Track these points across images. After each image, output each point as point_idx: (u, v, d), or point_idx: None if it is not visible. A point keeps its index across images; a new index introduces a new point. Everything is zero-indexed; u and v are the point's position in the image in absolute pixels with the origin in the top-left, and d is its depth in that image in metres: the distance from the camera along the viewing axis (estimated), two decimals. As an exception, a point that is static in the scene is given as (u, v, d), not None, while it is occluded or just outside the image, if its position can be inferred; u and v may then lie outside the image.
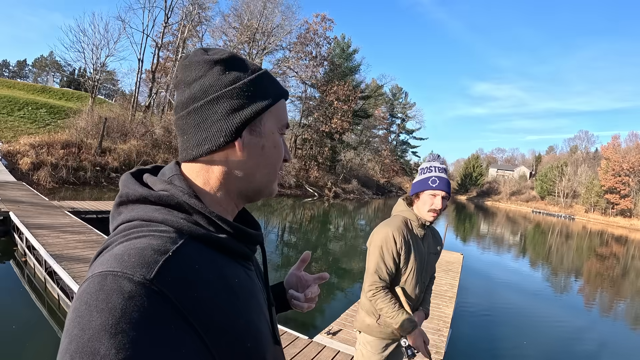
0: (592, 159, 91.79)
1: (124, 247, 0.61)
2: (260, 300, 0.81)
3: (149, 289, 0.55)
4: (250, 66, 0.80)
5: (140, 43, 33.07)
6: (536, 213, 75.24)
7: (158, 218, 0.67)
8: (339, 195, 42.52)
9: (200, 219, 0.71)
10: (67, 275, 5.85)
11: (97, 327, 0.51)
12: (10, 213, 9.54)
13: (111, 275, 0.56)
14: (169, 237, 0.65)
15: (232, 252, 0.75)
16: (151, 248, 0.60)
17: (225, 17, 39.68)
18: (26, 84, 41.79)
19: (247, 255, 0.80)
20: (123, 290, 0.54)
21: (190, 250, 0.66)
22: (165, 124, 31.16)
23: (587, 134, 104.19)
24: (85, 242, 7.98)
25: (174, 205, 0.70)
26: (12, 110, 27.22)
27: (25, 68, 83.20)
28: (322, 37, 46.92)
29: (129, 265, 0.57)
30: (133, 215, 0.69)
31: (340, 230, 22.31)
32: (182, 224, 0.68)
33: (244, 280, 0.75)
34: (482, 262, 16.86)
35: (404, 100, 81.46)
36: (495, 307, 10.34)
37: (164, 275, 0.58)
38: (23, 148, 21.31)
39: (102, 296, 0.53)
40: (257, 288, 0.81)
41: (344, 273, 12.23)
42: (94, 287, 0.55)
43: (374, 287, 2.44)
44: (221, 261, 0.71)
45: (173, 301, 0.57)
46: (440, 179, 2.48)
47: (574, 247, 29.08)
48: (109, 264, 0.58)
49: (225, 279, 0.69)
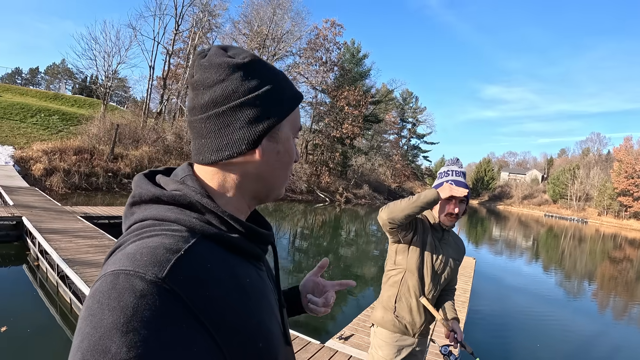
0: (604, 161, 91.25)
1: (136, 246, 0.61)
2: (271, 300, 0.80)
3: (161, 287, 0.56)
4: (270, 70, 0.79)
5: (151, 50, 33.15)
6: (548, 217, 74.70)
7: (170, 217, 0.67)
8: (350, 201, 42.47)
9: (212, 219, 0.71)
10: (80, 280, 5.87)
11: (109, 325, 0.51)
12: (23, 218, 9.63)
13: (123, 274, 0.56)
14: (181, 236, 0.64)
15: (243, 252, 0.75)
16: (163, 247, 0.61)
17: (235, 24, 39.99)
18: (39, 91, 42.12)
19: (258, 255, 0.80)
20: (135, 288, 0.54)
21: (202, 249, 0.65)
22: (176, 130, 31.38)
23: (599, 136, 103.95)
24: (97, 247, 8.01)
25: (187, 204, 0.70)
26: (25, 117, 27.53)
27: (38, 75, 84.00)
28: (332, 42, 47.10)
29: (141, 264, 0.57)
30: (146, 214, 0.69)
31: (351, 235, 22.26)
32: (195, 223, 0.68)
33: (255, 280, 0.75)
34: (494, 267, 16.74)
35: (414, 104, 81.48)
36: (508, 311, 10.26)
37: (175, 273, 0.58)
38: (36, 154, 21.57)
39: (114, 294, 0.54)
40: (268, 288, 0.81)
41: (356, 278, 12.13)
42: (107, 285, 0.55)
43: None
44: (233, 261, 0.71)
45: (185, 300, 0.57)
46: (457, 182, 2.51)
47: (587, 251, 28.82)
48: (121, 263, 0.58)
49: (237, 279, 0.69)
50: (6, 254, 9.26)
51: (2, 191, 13.33)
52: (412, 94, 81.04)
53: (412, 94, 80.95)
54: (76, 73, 67.42)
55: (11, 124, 25.85)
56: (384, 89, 65.23)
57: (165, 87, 35.14)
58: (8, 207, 10.96)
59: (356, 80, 49.99)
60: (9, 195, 12.38)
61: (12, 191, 13.42)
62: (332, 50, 47.45)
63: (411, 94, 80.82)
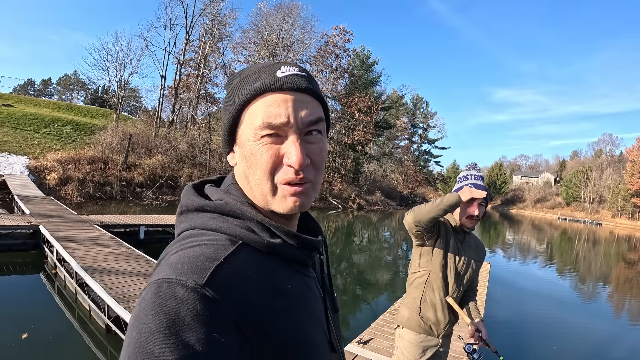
0: (617, 162, 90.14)
1: (179, 255, 0.64)
2: (316, 307, 0.80)
3: (201, 293, 0.58)
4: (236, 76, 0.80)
5: (163, 60, 33.62)
6: (562, 220, 73.90)
7: (212, 226, 0.71)
8: (363, 207, 42.31)
9: (253, 225, 0.73)
10: (99, 287, 5.90)
11: (152, 329, 0.54)
12: (40, 226, 9.73)
13: (166, 282, 0.59)
14: (221, 244, 0.67)
15: (286, 258, 0.76)
16: (204, 255, 0.63)
17: (245, 33, 40.27)
18: (51, 102, 42.65)
19: (302, 260, 0.80)
20: (177, 295, 0.57)
21: (242, 256, 0.67)
22: (188, 139, 31.60)
23: (611, 136, 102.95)
24: (116, 255, 8.07)
25: (228, 212, 0.73)
26: (39, 127, 27.90)
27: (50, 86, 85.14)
28: (342, 49, 47.18)
29: (182, 273, 0.60)
30: (191, 224, 0.73)
31: (364, 242, 22.21)
32: (235, 230, 0.70)
33: (297, 286, 0.76)
34: (509, 271, 16.61)
35: (425, 110, 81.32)
36: (523, 315, 10.19)
37: (215, 280, 0.60)
38: (50, 164, 21.85)
39: (158, 301, 0.56)
40: (313, 294, 0.81)
41: (371, 284, 12.16)
42: (151, 293, 0.58)
43: None
44: (274, 267, 0.72)
45: (224, 306, 0.59)
46: (476, 185, 2.59)
47: (601, 254, 28.49)
48: (164, 272, 0.61)
49: (277, 285, 0.70)
50: (23, 262, 9.37)
51: (18, 200, 13.49)
52: (423, 100, 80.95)
53: (422, 99, 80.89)
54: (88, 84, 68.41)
55: (25, 134, 26.21)
56: (394, 95, 65.25)
57: (176, 97, 35.46)
58: (25, 216, 11.09)
59: (366, 86, 50.08)
60: (25, 205, 12.52)
61: (28, 200, 13.57)
62: (342, 57, 47.56)
63: (421, 99, 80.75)
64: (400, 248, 20.63)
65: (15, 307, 6.79)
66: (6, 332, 5.72)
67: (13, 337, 5.54)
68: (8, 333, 5.67)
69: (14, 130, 26.34)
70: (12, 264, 9.10)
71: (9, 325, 5.97)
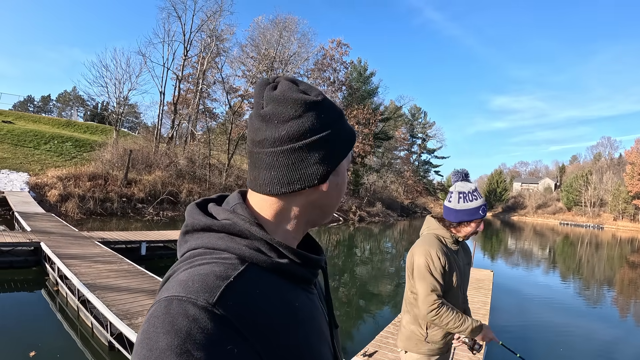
0: (616, 165, 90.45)
1: (188, 273, 0.65)
2: (321, 323, 0.82)
3: (212, 312, 0.58)
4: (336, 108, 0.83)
5: (161, 76, 33.72)
6: (564, 225, 73.90)
7: (221, 246, 0.71)
8: (364, 219, 42.23)
9: (261, 246, 0.73)
10: (101, 304, 5.87)
11: (164, 347, 0.54)
12: (41, 243, 9.72)
13: (176, 300, 0.59)
14: (230, 263, 0.67)
15: (293, 277, 0.77)
16: (214, 274, 0.64)
17: (243, 48, 40.57)
18: (51, 119, 42.78)
19: (308, 279, 0.81)
20: (188, 313, 0.57)
21: (252, 275, 0.68)
22: (188, 155, 31.64)
23: (609, 139, 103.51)
24: (118, 272, 8.05)
25: (236, 232, 0.73)
26: (39, 143, 27.97)
27: (50, 103, 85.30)
28: (339, 62, 47.44)
29: (192, 291, 0.60)
30: (198, 243, 0.73)
31: (366, 253, 22.14)
32: (244, 250, 0.70)
33: (305, 304, 0.77)
34: (512, 279, 16.52)
35: (423, 119, 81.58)
36: (529, 322, 10.12)
37: (225, 299, 0.61)
38: (51, 180, 21.87)
39: (169, 319, 0.57)
40: (318, 311, 0.83)
41: (374, 296, 12.13)
42: (161, 310, 0.58)
43: (435, 305, 2.46)
44: (282, 286, 0.73)
45: (235, 324, 0.60)
46: (486, 205, 2.58)
47: (604, 257, 28.49)
48: (174, 290, 0.61)
49: (286, 303, 0.71)
50: (25, 279, 9.35)
51: (19, 217, 13.48)
52: (421, 110, 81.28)
53: (420, 109, 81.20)
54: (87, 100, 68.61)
55: (25, 151, 26.26)
56: (392, 106, 65.48)
57: (176, 112, 35.59)
58: (26, 232, 11.07)
59: (364, 98, 50.28)
60: (26, 221, 12.50)
61: (28, 217, 13.55)
62: (339, 69, 47.84)
63: (419, 109, 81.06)
64: (402, 259, 20.54)
65: (18, 324, 6.76)
66: (12, 349, 5.71)
67: (20, 355, 5.52)
68: (14, 351, 5.66)
69: (14, 147, 26.39)
70: (14, 281, 9.08)
71: (14, 342, 5.96)
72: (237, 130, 36.16)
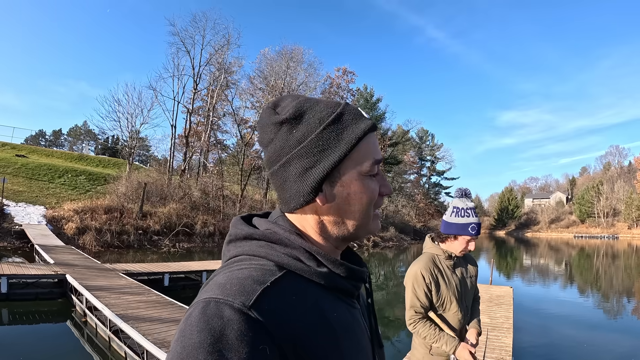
0: (626, 172, 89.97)
1: (227, 276, 0.67)
2: (361, 338, 0.80)
3: (247, 315, 0.59)
4: (320, 112, 0.77)
5: (172, 109, 34.27)
6: (578, 238, 72.99)
7: (261, 253, 0.73)
8: (378, 244, 41.98)
9: (300, 254, 0.73)
10: (137, 333, 5.92)
11: (196, 345, 0.56)
12: (67, 275, 9.81)
13: (213, 302, 0.61)
14: (269, 269, 0.69)
15: (332, 287, 0.77)
16: (251, 279, 0.65)
17: (252, 79, 40.99)
18: (63, 153, 43.40)
19: (348, 290, 0.80)
20: (223, 315, 0.59)
21: (289, 282, 0.69)
22: (201, 187, 31.77)
23: (617, 148, 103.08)
24: (147, 302, 8.16)
25: (276, 240, 0.74)
26: (53, 177, 28.36)
27: (61, 137, 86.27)
28: (346, 89, 47.86)
29: (230, 293, 0.62)
30: (239, 251, 0.75)
31: (381, 279, 21.95)
32: (283, 258, 0.72)
33: (343, 316, 0.76)
34: (531, 295, 16.37)
35: (431, 142, 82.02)
36: (552, 335, 10.09)
37: (261, 303, 0.62)
38: (67, 213, 22.11)
39: (204, 319, 0.58)
40: (359, 326, 0.81)
41: (390, 322, 11.93)
42: (198, 311, 0.60)
43: (413, 320, 2.71)
44: (320, 295, 0.73)
45: (268, 329, 0.60)
46: (477, 225, 2.69)
47: (621, 267, 28.26)
48: (212, 292, 0.63)
49: (322, 312, 0.71)
50: (49, 310, 9.51)
51: (40, 250, 13.61)
52: (428, 132, 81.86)
53: (427, 132, 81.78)
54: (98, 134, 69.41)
55: (40, 185, 26.60)
56: (399, 130, 65.75)
57: (187, 145, 35.87)
58: (49, 265, 11.18)
59: (373, 125, 50.39)
60: (48, 254, 12.64)
61: (49, 250, 13.70)
62: (346, 97, 48.18)
63: (427, 132, 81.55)
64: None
65: (47, 355, 6.85)
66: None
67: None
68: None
69: (29, 180, 26.76)
70: (39, 312, 9.22)
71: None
72: (248, 161, 36.37)
